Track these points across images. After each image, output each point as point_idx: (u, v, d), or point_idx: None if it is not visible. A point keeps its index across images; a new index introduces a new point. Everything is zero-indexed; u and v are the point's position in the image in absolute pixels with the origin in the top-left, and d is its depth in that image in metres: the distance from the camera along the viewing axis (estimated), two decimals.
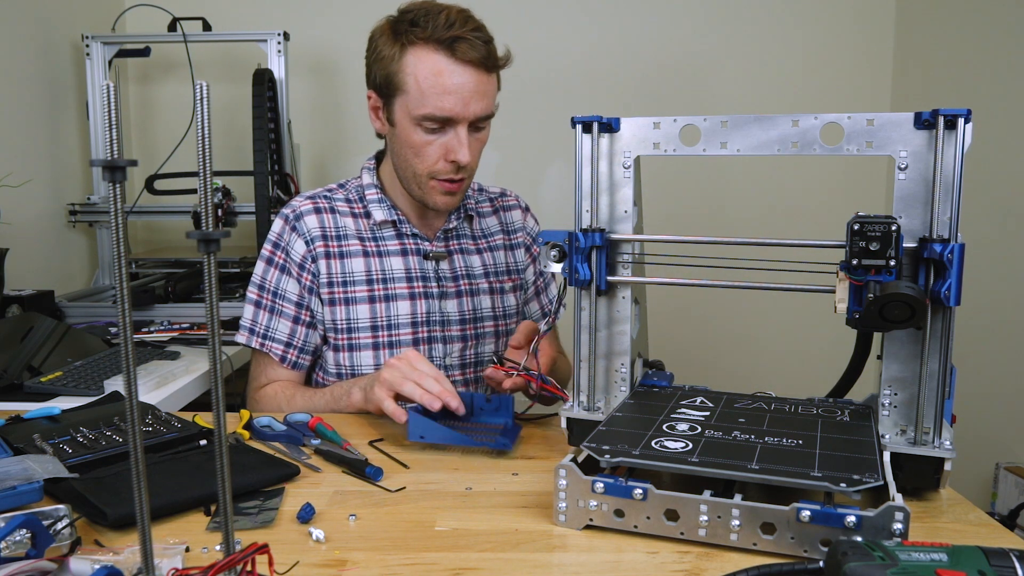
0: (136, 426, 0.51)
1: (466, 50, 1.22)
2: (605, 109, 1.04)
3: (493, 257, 1.47)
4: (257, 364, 1.40)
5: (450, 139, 1.26)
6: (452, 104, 1.23)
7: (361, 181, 1.42)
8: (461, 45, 1.22)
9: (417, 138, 1.27)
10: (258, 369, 1.39)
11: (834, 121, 0.92)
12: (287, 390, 1.34)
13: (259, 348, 1.36)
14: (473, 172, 1.34)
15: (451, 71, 1.22)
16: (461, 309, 1.40)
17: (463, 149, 1.26)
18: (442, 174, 1.29)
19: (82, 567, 0.66)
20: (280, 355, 1.36)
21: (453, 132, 1.26)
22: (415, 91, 1.24)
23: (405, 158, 1.31)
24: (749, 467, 0.79)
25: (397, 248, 1.38)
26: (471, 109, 1.24)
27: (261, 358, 1.38)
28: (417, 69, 1.23)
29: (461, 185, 1.32)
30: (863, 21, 2.67)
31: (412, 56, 1.24)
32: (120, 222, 0.48)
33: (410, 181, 1.33)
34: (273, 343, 1.36)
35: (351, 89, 2.65)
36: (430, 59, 1.23)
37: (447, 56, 1.22)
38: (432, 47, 1.23)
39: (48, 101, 2.21)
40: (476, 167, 1.34)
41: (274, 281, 1.36)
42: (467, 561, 0.76)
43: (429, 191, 1.32)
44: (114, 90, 0.48)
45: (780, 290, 0.96)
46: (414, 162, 1.30)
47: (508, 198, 1.55)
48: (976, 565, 0.57)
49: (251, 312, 1.37)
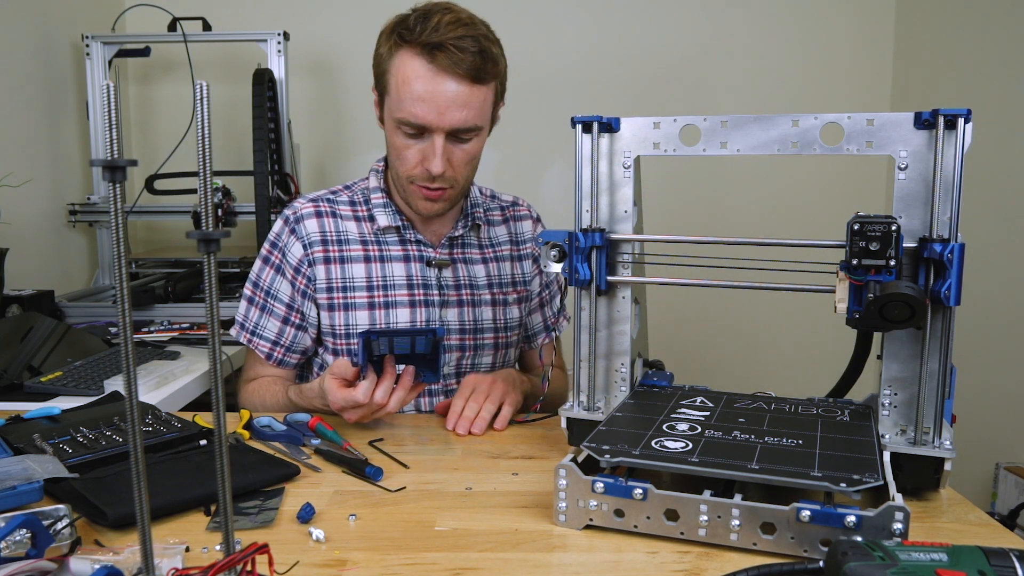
0: (136, 426, 0.51)
1: (444, 59, 1.18)
2: (605, 109, 1.04)
3: (499, 268, 1.44)
4: (247, 358, 1.43)
5: (427, 147, 1.24)
6: (424, 112, 1.20)
7: (368, 184, 1.40)
8: (440, 53, 1.18)
9: (398, 140, 1.26)
10: (248, 363, 1.43)
11: (834, 121, 0.92)
12: (271, 387, 1.35)
13: (247, 344, 1.38)
14: (460, 184, 1.31)
15: (427, 78, 1.19)
16: (461, 319, 1.39)
17: (436, 160, 1.23)
18: (419, 180, 1.28)
19: (82, 567, 0.66)
20: (266, 352, 1.37)
21: (430, 140, 1.24)
22: (395, 94, 1.23)
23: (391, 159, 1.32)
24: (749, 467, 0.79)
25: (400, 254, 1.37)
26: (447, 119, 1.21)
27: (251, 353, 1.41)
28: (397, 72, 1.22)
29: (443, 194, 1.30)
30: (863, 21, 2.68)
31: (397, 58, 1.22)
32: (120, 222, 0.48)
33: (397, 183, 1.34)
34: (261, 340, 1.37)
35: (351, 89, 2.65)
36: (410, 63, 1.20)
37: (426, 62, 1.19)
38: (415, 51, 1.20)
39: (48, 101, 2.21)
40: (464, 179, 1.31)
41: (268, 280, 1.36)
42: (467, 561, 0.76)
43: (411, 195, 1.31)
44: (114, 90, 0.48)
45: (780, 290, 0.96)
46: (396, 164, 1.30)
47: (520, 208, 1.52)
48: (976, 565, 0.57)
49: (244, 308, 1.39)
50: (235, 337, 1.39)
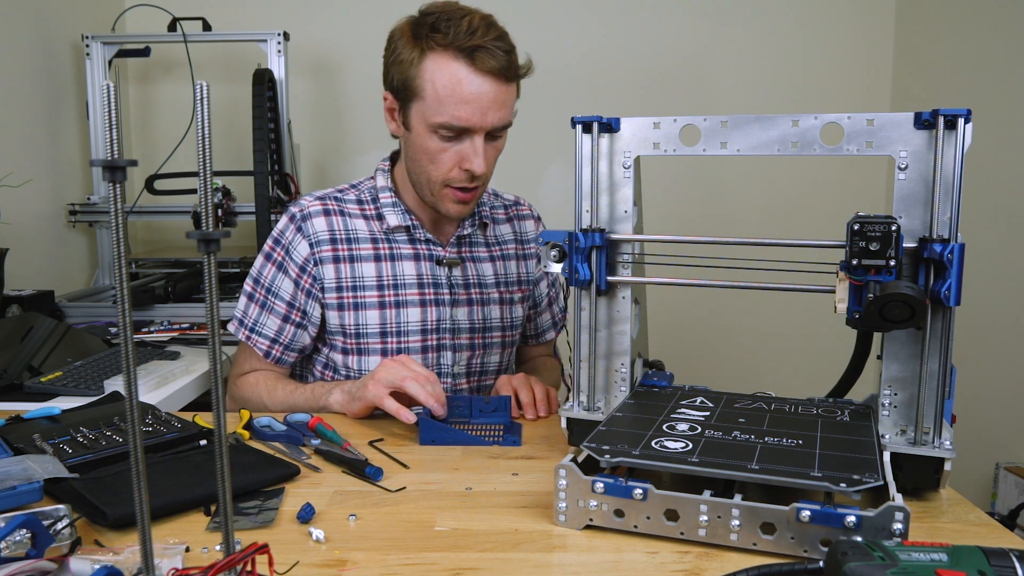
0: (136, 426, 0.51)
1: (486, 59, 1.19)
2: (605, 109, 1.04)
3: (505, 266, 1.45)
4: (242, 352, 1.40)
5: (465, 147, 1.24)
6: (469, 114, 1.21)
7: (375, 183, 1.39)
8: (481, 54, 1.19)
9: (433, 145, 1.25)
10: (242, 357, 1.40)
11: (834, 121, 0.92)
12: (269, 381, 1.34)
13: (244, 340, 1.37)
14: (487, 180, 1.33)
15: (470, 80, 1.20)
16: (472, 318, 1.39)
17: (478, 159, 1.24)
18: (456, 182, 1.27)
19: (82, 567, 0.66)
20: (264, 350, 1.36)
21: (469, 141, 1.24)
22: (432, 98, 1.21)
23: (420, 163, 1.29)
24: (749, 467, 0.79)
25: (410, 253, 1.36)
26: (488, 119, 1.22)
27: (246, 348, 1.38)
28: (436, 76, 1.21)
29: (475, 194, 1.30)
30: (863, 21, 2.68)
31: (431, 62, 1.21)
32: (120, 222, 0.48)
33: (423, 187, 1.31)
34: (259, 338, 1.35)
35: (351, 89, 2.65)
36: (449, 67, 1.20)
37: (467, 65, 1.20)
38: (452, 54, 1.20)
39: (48, 101, 2.21)
40: (491, 175, 1.32)
41: (269, 277, 1.35)
42: (467, 561, 0.76)
43: (442, 198, 1.30)
44: (114, 90, 0.48)
45: (780, 290, 0.96)
46: (429, 168, 1.28)
47: (522, 207, 1.54)
48: (976, 565, 0.57)
49: (243, 304, 1.37)
50: (232, 333, 1.38)
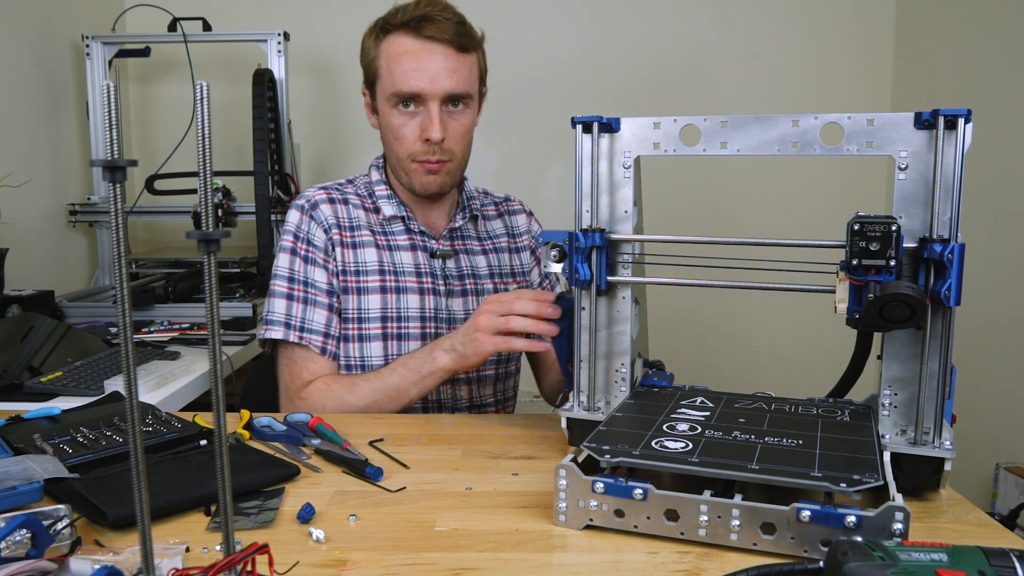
0: (136, 426, 0.51)
1: (430, 27, 1.27)
2: (605, 109, 1.04)
3: (498, 259, 1.47)
4: (292, 361, 1.32)
5: (423, 118, 1.30)
6: (417, 80, 1.28)
7: (370, 178, 1.44)
8: (426, 24, 1.27)
9: (395, 120, 1.32)
10: (296, 366, 1.32)
11: (834, 121, 0.92)
12: (340, 380, 1.29)
13: (298, 342, 1.31)
14: (459, 157, 1.35)
15: (417, 48, 1.28)
16: (467, 308, 1.41)
17: (434, 127, 1.29)
18: (420, 155, 1.32)
19: (82, 567, 0.66)
20: (320, 347, 1.31)
21: (426, 111, 1.30)
22: (386, 73, 1.31)
23: (389, 144, 1.36)
24: (749, 467, 0.79)
25: (407, 243, 1.40)
26: (440, 84, 1.28)
27: (297, 353, 1.32)
28: (387, 52, 1.31)
29: (443, 166, 1.34)
30: (863, 21, 2.67)
31: (385, 43, 1.31)
32: (120, 222, 0.48)
33: (397, 168, 1.36)
34: (312, 335, 1.31)
35: (351, 89, 2.64)
36: (398, 41, 1.30)
37: (413, 36, 1.28)
38: (402, 31, 1.29)
39: (48, 101, 2.21)
40: (461, 154, 1.36)
41: (303, 272, 1.33)
42: (467, 561, 0.76)
43: (413, 173, 1.34)
44: (114, 90, 0.48)
45: (780, 290, 0.96)
46: (395, 147, 1.34)
47: (512, 203, 1.56)
48: (976, 565, 0.57)
49: (283, 306, 1.32)
50: (282, 338, 1.31)
